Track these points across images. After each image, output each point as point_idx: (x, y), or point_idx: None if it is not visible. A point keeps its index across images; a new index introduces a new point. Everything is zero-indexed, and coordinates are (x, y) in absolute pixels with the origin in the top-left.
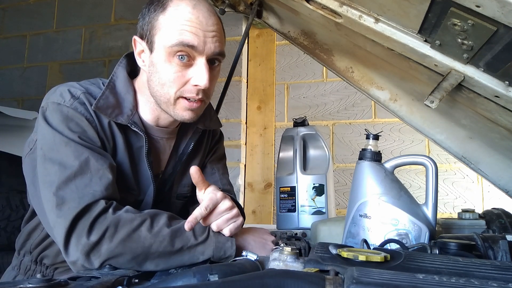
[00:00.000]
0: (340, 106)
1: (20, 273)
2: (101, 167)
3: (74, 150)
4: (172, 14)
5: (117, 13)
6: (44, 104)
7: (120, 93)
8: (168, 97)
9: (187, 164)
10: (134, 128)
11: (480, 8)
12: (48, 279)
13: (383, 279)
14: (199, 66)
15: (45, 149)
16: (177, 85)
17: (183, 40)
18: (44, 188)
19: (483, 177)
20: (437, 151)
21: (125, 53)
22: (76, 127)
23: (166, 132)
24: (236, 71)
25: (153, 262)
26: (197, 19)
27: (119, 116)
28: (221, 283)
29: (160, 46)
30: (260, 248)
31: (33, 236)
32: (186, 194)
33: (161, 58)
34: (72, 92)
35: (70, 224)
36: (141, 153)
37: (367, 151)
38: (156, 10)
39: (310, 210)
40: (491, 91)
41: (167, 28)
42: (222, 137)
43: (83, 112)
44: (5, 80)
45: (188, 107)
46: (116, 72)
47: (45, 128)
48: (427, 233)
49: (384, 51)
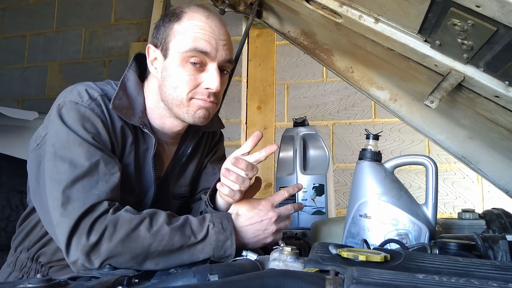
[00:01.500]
0: (340, 106)
1: (16, 269)
2: (108, 171)
3: (86, 151)
4: (187, 23)
5: (117, 13)
6: (60, 102)
7: (131, 95)
8: (181, 98)
9: (185, 165)
10: (145, 130)
11: (480, 8)
12: (48, 279)
13: (383, 279)
14: (211, 71)
15: (57, 147)
16: (190, 87)
17: (197, 47)
18: (51, 185)
19: (483, 177)
20: (437, 151)
21: (134, 54)
22: (91, 127)
23: (171, 137)
24: (236, 71)
25: (153, 261)
26: (210, 27)
27: (132, 117)
28: (221, 283)
29: (175, 51)
30: (260, 244)
31: (32, 234)
32: (183, 194)
33: (175, 63)
34: (90, 93)
35: (74, 224)
36: (146, 155)
37: (367, 151)
38: (171, 20)
39: (310, 210)
40: (491, 91)
41: (182, 35)
42: (222, 137)
43: (99, 114)
44: (5, 80)
45: (203, 104)
46: (127, 74)
47: (60, 125)
48: (427, 233)
49: (384, 51)
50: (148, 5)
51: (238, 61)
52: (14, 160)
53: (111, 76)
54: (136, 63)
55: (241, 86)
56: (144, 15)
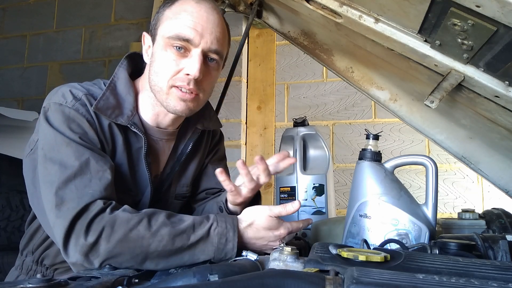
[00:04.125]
0: (340, 106)
1: (22, 273)
2: (100, 168)
3: (75, 151)
4: (177, 8)
5: (117, 13)
6: (46, 105)
7: (121, 94)
8: (161, 85)
9: (186, 164)
10: (134, 129)
11: (480, 8)
12: (48, 279)
13: (383, 279)
14: (194, 57)
15: (46, 149)
16: (170, 73)
17: (180, 34)
18: (44, 188)
19: (483, 177)
20: (437, 151)
21: (126, 54)
22: (77, 128)
23: (166, 134)
24: (236, 71)
25: (153, 261)
26: (197, 12)
27: (119, 117)
28: (221, 283)
29: (160, 36)
30: (262, 249)
31: (35, 237)
32: (185, 194)
33: (159, 48)
34: (74, 93)
35: (69, 225)
36: (140, 154)
37: (367, 151)
38: (164, 6)
39: (310, 210)
40: (491, 91)
41: (169, 20)
42: (222, 137)
43: (84, 113)
44: (5, 80)
45: (181, 97)
46: (117, 73)
47: (47, 128)
48: (427, 233)
49: (384, 51)
50: (148, 5)
51: (238, 61)
52: (14, 160)
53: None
54: (128, 62)
55: (241, 86)
56: (144, 15)
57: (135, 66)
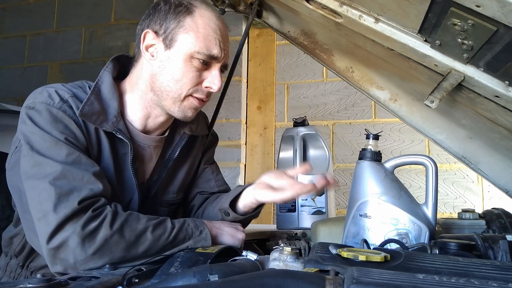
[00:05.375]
0: (340, 106)
1: (6, 275)
2: (92, 163)
3: (65, 148)
4: (200, 21)
5: (117, 13)
6: (30, 104)
7: (105, 99)
8: (180, 93)
9: (174, 170)
10: (119, 136)
11: (480, 8)
12: (48, 279)
13: (383, 279)
14: (215, 72)
15: (37, 146)
16: (193, 83)
17: (211, 52)
18: (37, 183)
19: (483, 177)
20: (437, 151)
21: (112, 57)
22: (64, 129)
23: (153, 140)
24: (236, 71)
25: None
26: (220, 31)
27: (104, 123)
28: (221, 283)
29: (184, 46)
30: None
31: (15, 242)
32: (172, 201)
33: (181, 56)
34: (61, 94)
35: (72, 212)
36: (126, 160)
37: (367, 151)
38: (181, 12)
39: (310, 210)
40: (491, 91)
41: (195, 32)
42: (216, 141)
43: (71, 115)
44: (5, 80)
45: (198, 105)
46: (101, 77)
47: (32, 127)
48: (427, 233)
49: (384, 51)
50: (148, 5)
51: (238, 61)
52: None
53: None
54: (113, 64)
55: (241, 86)
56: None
57: (122, 67)
